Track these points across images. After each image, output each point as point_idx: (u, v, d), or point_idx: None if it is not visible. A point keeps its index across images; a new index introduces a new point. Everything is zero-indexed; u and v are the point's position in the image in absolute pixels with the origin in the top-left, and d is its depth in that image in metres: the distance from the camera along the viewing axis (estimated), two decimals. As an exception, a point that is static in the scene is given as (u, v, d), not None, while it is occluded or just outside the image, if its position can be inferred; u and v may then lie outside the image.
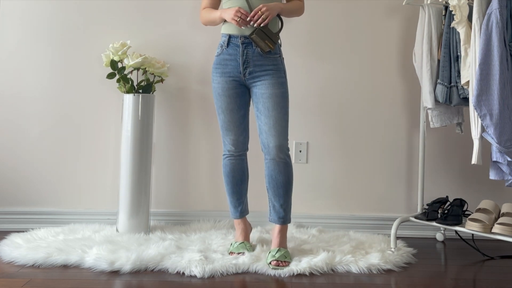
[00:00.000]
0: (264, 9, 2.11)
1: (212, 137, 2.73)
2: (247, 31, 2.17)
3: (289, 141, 2.27)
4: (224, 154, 2.32)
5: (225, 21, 2.23)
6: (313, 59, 2.70)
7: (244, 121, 2.26)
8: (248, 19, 2.12)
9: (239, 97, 2.23)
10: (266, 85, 2.18)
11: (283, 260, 2.11)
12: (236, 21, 2.12)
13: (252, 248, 2.27)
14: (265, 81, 2.18)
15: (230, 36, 2.20)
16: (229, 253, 2.23)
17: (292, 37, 2.66)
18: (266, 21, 2.12)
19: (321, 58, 2.74)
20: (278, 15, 2.22)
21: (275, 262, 2.10)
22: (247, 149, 2.32)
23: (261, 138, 2.21)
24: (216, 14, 2.24)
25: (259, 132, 2.22)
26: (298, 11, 2.30)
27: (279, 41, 2.22)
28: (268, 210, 2.28)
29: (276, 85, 2.18)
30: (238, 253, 2.21)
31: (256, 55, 2.18)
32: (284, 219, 2.23)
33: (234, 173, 2.29)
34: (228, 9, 2.17)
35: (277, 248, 2.17)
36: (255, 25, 2.13)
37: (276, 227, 2.24)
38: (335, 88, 2.75)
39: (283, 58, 2.25)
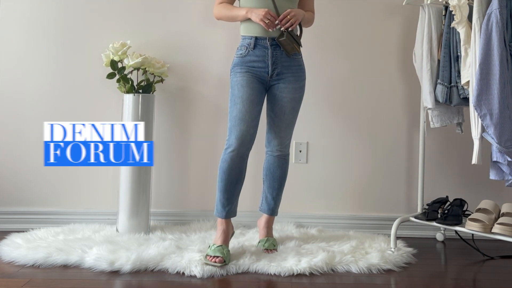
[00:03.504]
0: (292, 13, 2.15)
1: (212, 137, 2.73)
2: (274, 33, 2.18)
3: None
4: (226, 149, 2.17)
5: (245, 21, 2.21)
6: (312, 59, 2.69)
7: (258, 116, 2.20)
8: (276, 22, 2.14)
9: (261, 93, 2.22)
10: (288, 89, 2.22)
11: (272, 248, 2.28)
12: (265, 23, 2.12)
13: (229, 254, 2.15)
14: (288, 84, 2.22)
15: (256, 38, 2.19)
16: (206, 256, 2.12)
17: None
18: (294, 26, 2.16)
19: (321, 58, 2.74)
20: None
21: (265, 250, 2.27)
22: (250, 148, 2.20)
23: (268, 135, 2.31)
24: (240, 12, 2.20)
25: (268, 129, 2.31)
26: (310, 22, 2.36)
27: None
28: (260, 200, 2.41)
29: (297, 89, 2.25)
30: (214, 257, 2.10)
31: (284, 56, 2.21)
32: (273, 210, 2.38)
33: (231, 171, 2.17)
34: (256, 10, 2.15)
35: (266, 238, 2.34)
36: (282, 28, 2.15)
37: (265, 218, 2.39)
38: (335, 88, 2.75)
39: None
